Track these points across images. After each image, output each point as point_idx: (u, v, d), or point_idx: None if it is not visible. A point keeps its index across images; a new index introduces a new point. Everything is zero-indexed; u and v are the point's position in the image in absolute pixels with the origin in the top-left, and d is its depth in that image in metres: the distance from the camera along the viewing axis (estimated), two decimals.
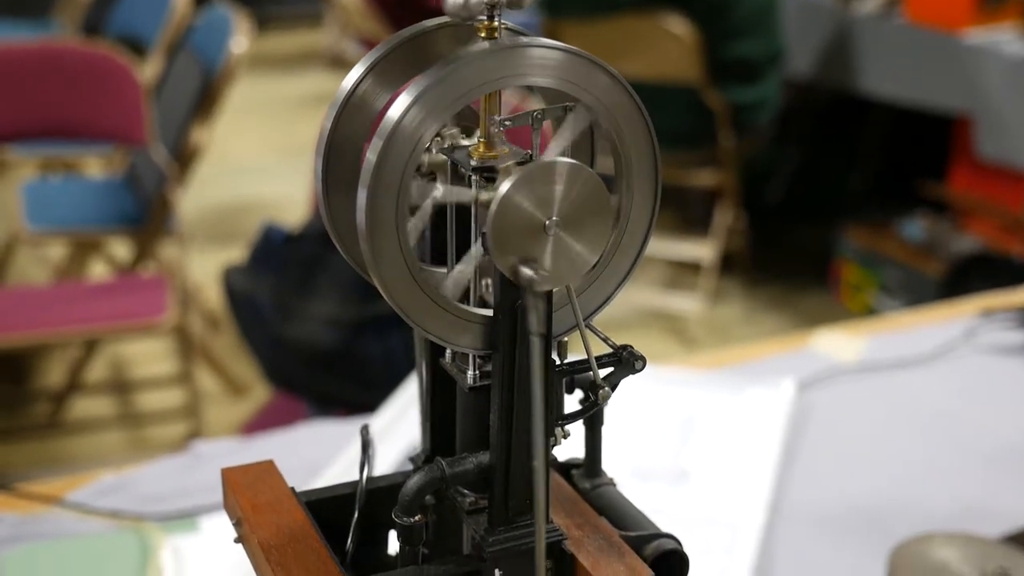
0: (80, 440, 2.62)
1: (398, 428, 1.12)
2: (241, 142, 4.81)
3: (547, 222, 0.42)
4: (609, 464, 0.59)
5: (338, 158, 0.48)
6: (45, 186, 3.10)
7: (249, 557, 0.50)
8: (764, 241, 3.77)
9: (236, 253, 2.17)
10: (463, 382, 0.48)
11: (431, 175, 0.49)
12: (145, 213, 2.67)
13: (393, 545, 0.52)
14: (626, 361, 0.48)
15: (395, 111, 0.43)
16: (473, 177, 0.45)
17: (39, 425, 2.66)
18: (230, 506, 0.52)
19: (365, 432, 0.55)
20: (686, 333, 3.33)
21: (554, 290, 0.45)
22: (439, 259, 0.51)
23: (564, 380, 0.51)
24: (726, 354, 1.42)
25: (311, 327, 1.87)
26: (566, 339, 0.48)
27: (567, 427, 0.50)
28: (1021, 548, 0.89)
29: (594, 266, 0.46)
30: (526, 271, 0.42)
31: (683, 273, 3.66)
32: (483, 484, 0.49)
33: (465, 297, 0.48)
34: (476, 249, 0.47)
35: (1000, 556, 0.86)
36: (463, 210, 0.48)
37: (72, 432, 2.65)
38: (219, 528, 1.02)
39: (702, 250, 3.40)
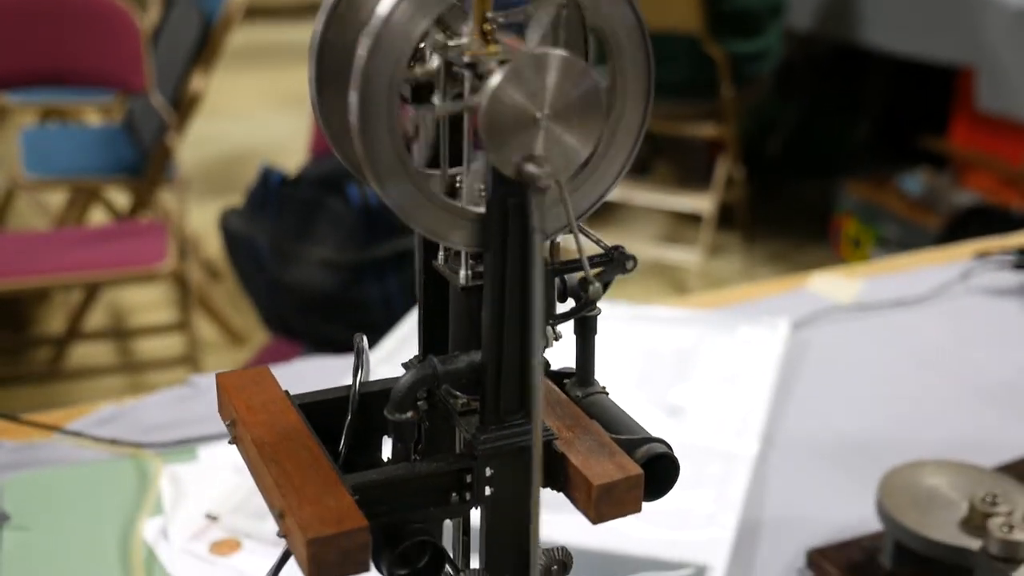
0: (80, 386, 2.63)
1: (396, 359, 1.12)
2: (240, 92, 4.79)
3: (539, 115, 0.42)
4: None
5: (330, 60, 0.48)
6: (44, 133, 3.09)
7: (242, 456, 0.51)
8: (764, 195, 3.77)
9: (235, 203, 2.17)
10: (455, 282, 0.48)
11: (427, 87, 0.49)
12: (144, 161, 2.67)
13: (387, 451, 0.53)
14: (617, 260, 0.49)
15: (384, 7, 0.43)
16: (466, 74, 0.45)
17: (39, 372, 2.67)
18: (224, 408, 0.53)
19: (359, 340, 0.55)
20: (684, 286, 3.34)
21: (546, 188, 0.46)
22: (433, 164, 0.51)
23: (556, 286, 0.52)
24: (721, 295, 1.42)
25: (309, 271, 1.87)
26: (559, 240, 0.49)
27: (559, 329, 0.51)
28: (1013, 477, 0.90)
29: (586, 163, 0.46)
30: (530, 168, 0.42)
31: (682, 226, 3.66)
32: (475, 384, 0.49)
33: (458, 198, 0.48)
34: (468, 150, 0.47)
35: (990, 483, 0.87)
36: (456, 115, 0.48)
37: (72, 378, 2.67)
38: (217, 457, 1.03)
39: (701, 203, 3.40)
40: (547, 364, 0.51)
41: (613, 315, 1.30)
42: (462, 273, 0.48)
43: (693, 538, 0.91)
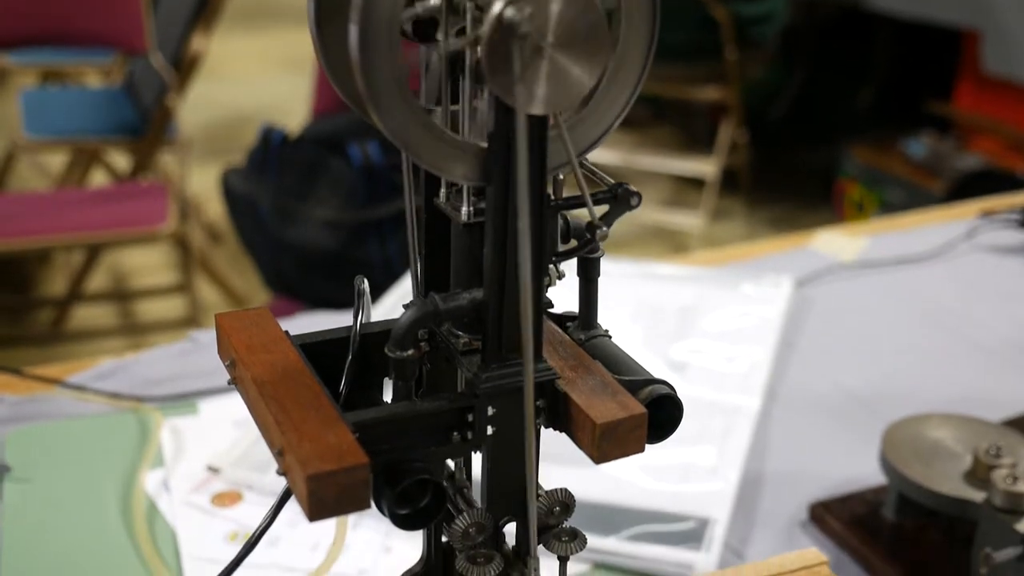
0: (81, 348, 2.63)
1: (396, 314, 1.12)
2: (240, 55, 4.77)
3: (542, 43, 0.41)
4: None
5: None
6: (44, 95, 3.08)
7: (242, 396, 0.50)
8: (767, 159, 3.75)
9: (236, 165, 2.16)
10: (457, 219, 0.48)
11: (429, 22, 0.48)
12: (144, 122, 2.65)
13: (388, 394, 0.52)
14: (622, 198, 0.48)
15: None
16: (468, 5, 0.44)
17: (41, 333, 2.67)
18: (223, 349, 0.52)
19: (360, 281, 0.55)
20: (686, 250, 3.33)
21: (548, 127, 0.45)
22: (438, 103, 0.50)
23: (560, 227, 0.51)
24: (724, 253, 1.41)
25: (310, 230, 1.87)
26: (561, 176, 0.48)
27: (561, 268, 0.50)
28: (1017, 431, 0.89)
29: (589, 97, 0.46)
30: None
31: (685, 190, 3.65)
32: (476, 323, 0.48)
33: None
34: (470, 83, 0.46)
35: (995, 436, 0.86)
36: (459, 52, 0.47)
37: (73, 340, 2.67)
38: (218, 410, 1.03)
39: (705, 166, 3.38)
40: (549, 304, 0.51)
41: (616, 272, 1.30)
42: (464, 210, 0.48)
43: (696, 491, 0.91)
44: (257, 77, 4.68)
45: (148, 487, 0.92)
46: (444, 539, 0.56)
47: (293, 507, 0.90)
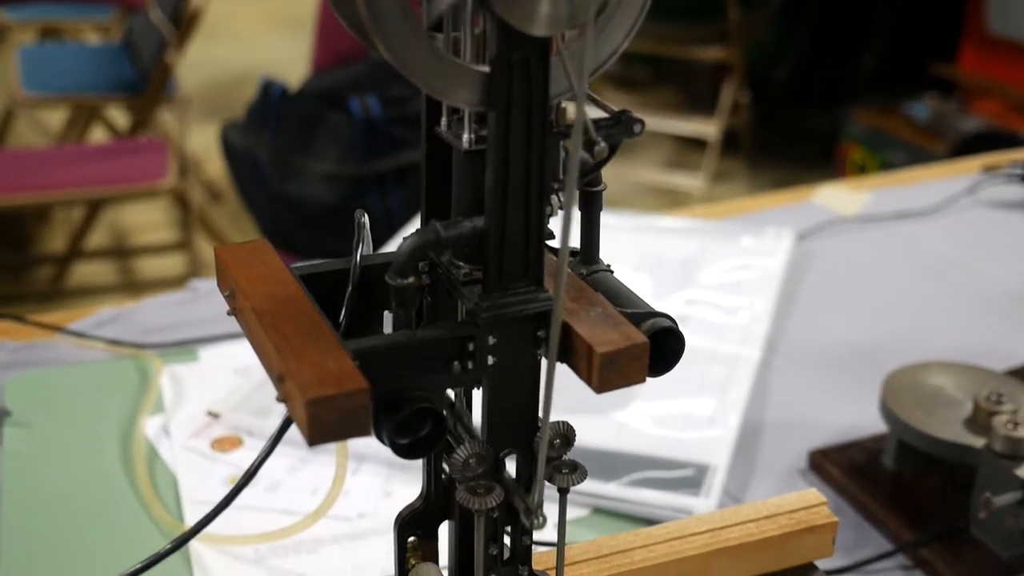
0: (80, 304, 2.63)
1: None
2: (240, 15, 4.74)
3: None
4: None
5: None
6: (42, 51, 3.06)
7: (241, 326, 0.50)
8: (769, 122, 3.74)
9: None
10: (458, 146, 0.47)
11: None
12: (143, 79, 2.64)
13: (388, 328, 0.52)
14: (624, 124, 0.47)
15: None
16: None
17: (41, 290, 2.66)
18: (223, 279, 0.52)
19: (360, 215, 0.54)
20: (687, 211, 3.32)
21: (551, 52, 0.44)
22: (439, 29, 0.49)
23: (561, 158, 0.51)
24: (725, 207, 1.41)
25: (310, 184, 1.86)
26: (563, 105, 0.47)
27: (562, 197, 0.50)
28: (1018, 379, 0.89)
29: (595, 19, 0.45)
30: None
31: (686, 151, 3.63)
32: (477, 252, 0.48)
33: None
34: (471, 6, 0.45)
35: (996, 383, 0.86)
36: None
37: (73, 296, 2.67)
38: (218, 358, 1.02)
39: (706, 127, 3.37)
40: (550, 234, 0.50)
41: (617, 225, 1.29)
42: (465, 137, 0.47)
43: (696, 438, 0.91)
44: (257, 37, 4.65)
45: (148, 432, 0.92)
46: (444, 476, 0.56)
47: (293, 452, 0.90)
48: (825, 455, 0.90)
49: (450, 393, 0.54)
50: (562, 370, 0.52)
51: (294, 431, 0.91)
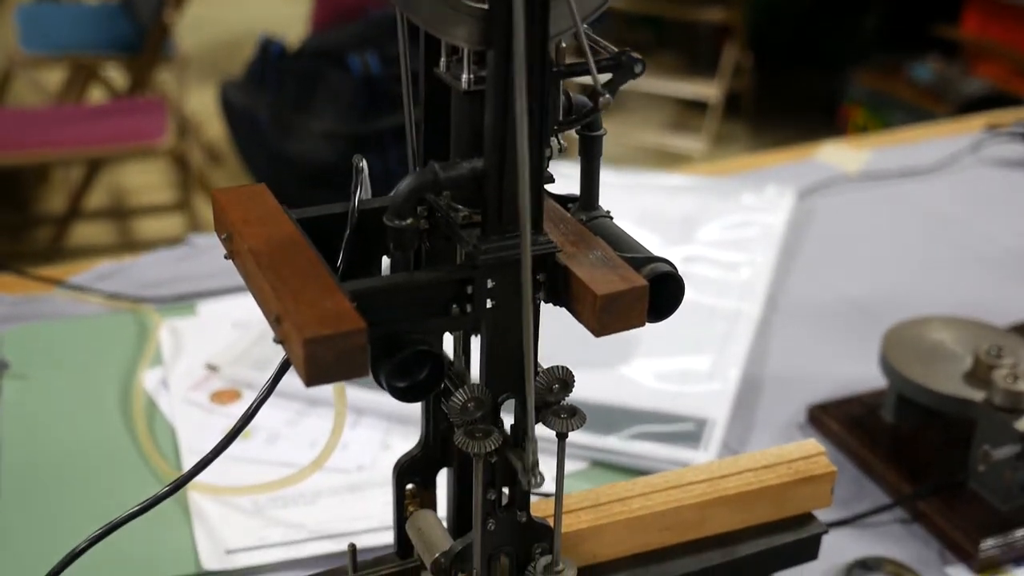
0: (80, 266, 2.63)
1: None
2: None
3: None
4: None
5: None
6: (40, 10, 3.04)
7: (239, 269, 0.50)
8: (771, 85, 3.72)
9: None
10: (457, 87, 0.47)
11: None
12: (142, 38, 2.62)
13: (386, 271, 0.52)
14: (626, 65, 0.47)
15: None
16: None
17: (40, 250, 2.66)
18: (220, 222, 0.52)
19: (358, 160, 0.54)
20: (688, 169, 3.31)
21: None
22: None
23: (561, 103, 0.50)
24: (726, 164, 1.40)
25: (310, 143, 1.85)
26: (563, 44, 0.47)
27: (562, 141, 0.50)
28: (1018, 334, 0.89)
29: None
30: None
31: (688, 114, 3.62)
32: (476, 196, 0.48)
33: None
34: None
35: (996, 338, 0.86)
36: None
37: (72, 256, 2.66)
38: (216, 312, 1.02)
39: (708, 90, 3.35)
40: (550, 178, 0.50)
41: (618, 183, 1.29)
42: (464, 77, 0.47)
43: (695, 392, 0.91)
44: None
45: (147, 385, 0.92)
46: (443, 424, 0.56)
47: (291, 406, 0.90)
48: (824, 409, 0.90)
49: (448, 343, 0.54)
50: (563, 323, 0.52)
51: (294, 385, 0.91)
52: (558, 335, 0.59)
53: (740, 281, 1.08)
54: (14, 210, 2.86)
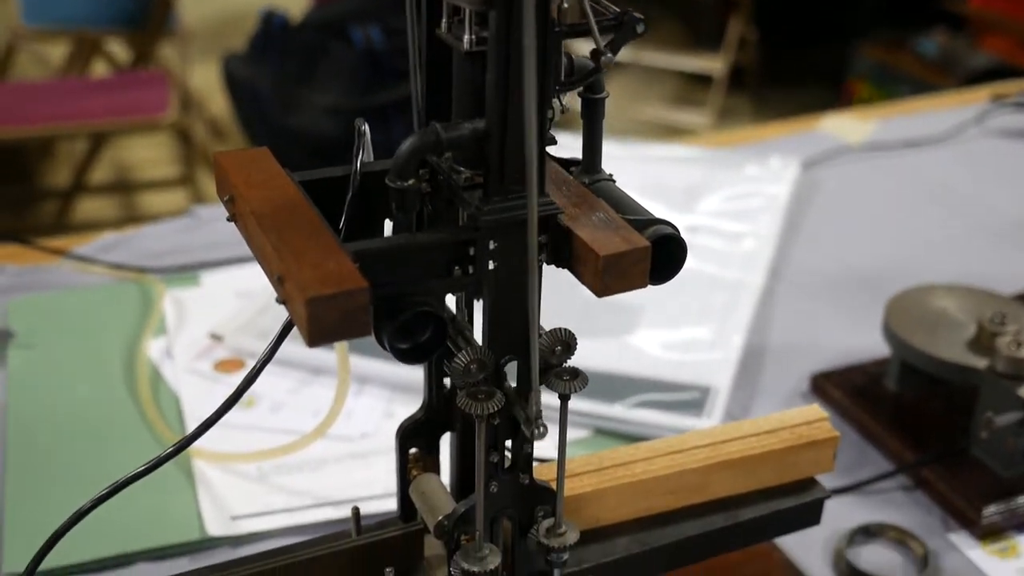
0: (84, 238, 2.63)
1: None
2: None
3: None
4: None
5: None
6: None
7: (241, 231, 0.50)
8: (776, 59, 3.70)
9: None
10: (459, 47, 0.47)
11: None
12: (145, 12, 2.61)
13: (388, 234, 0.52)
14: (627, 24, 0.47)
15: None
16: None
17: (44, 224, 2.66)
18: (222, 185, 0.51)
19: (360, 123, 0.54)
20: (692, 141, 3.30)
21: None
22: None
23: (563, 64, 0.50)
24: (730, 135, 1.40)
25: (313, 117, 1.85)
26: (565, 4, 0.47)
27: (565, 103, 0.49)
28: (1022, 302, 0.89)
29: None
30: None
31: (692, 88, 3.61)
32: (478, 157, 0.48)
33: None
34: None
35: (999, 305, 0.86)
36: None
37: (76, 231, 2.66)
38: (220, 282, 1.02)
39: (712, 63, 3.34)
40: (552, 140, 0.50)
41: (621, 154, 1.29)
42: (466, 38, 0.46)
43: (699, 360, 0.91)
44: None
45: (151, 354, 0.92)
46: (445, 388, 0.56)
47: (295, 375, 0.90)
48: (827, 378, 0.90)
49: (451, 305, 0.54)
50: (566, 295, 0.52)
51: (298, 354, 0.91)
52: (562, 306, 0.59)
53: (743, 251, 1.08)
54: (19, 184, 2.86)
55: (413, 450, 0.58)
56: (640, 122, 3.37)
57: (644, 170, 1.24)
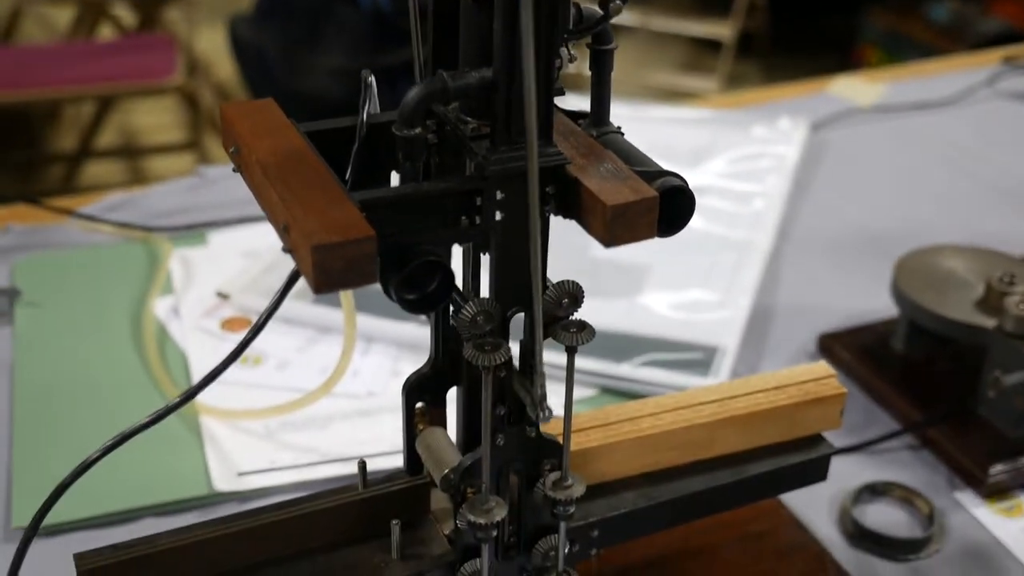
0: (91, 197, 2.62)
1: None
2: None
3: None
4: None
5: None
6: None
7: (247, 183, 0.50)
8: (786, 24, 3.67)
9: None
10: None
11: None
12: None
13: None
14: None
15: None
16: None
17: (51, 188, 2.66)
18: (227, 136, 0.51)
19: (367, 74, 0.54)
20: (700, 103, 3.29)
21: None
22: None
23: (572, 15, 0.50)
24: (738, 97, 1.39)
25: (320, 79, 1.84)
26: None
27: (574, 53, 0.49)
28: None
29: None
30: None
31: (701, 54, 3.58)
32: (485, 107, 0.47)
33: None
34: None
35: (1009, 265, 0.86)
36: None
37: (82, 195, 2.66)
38: (226, 242, 1.02)
39: (721, 29, 3.32)
40: (560, 90, 0.49)
41: (628, 115, 1.28)
42: None
43: (706, 320, 0.91)
44: None
45: (158, 313, 0.92)
46: (452, 342, 0.56)
47: (302, 333, 0.90)
48: (835, 338, 0.89)
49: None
50: (576, 253, 0.51)
51: (304, 312, 0.91)
52: (570, 266, 0.59)
53: (751, 212, 1.07)
54: (25, 148, 2.86)
55: (419, 404, 0.58)
56: (648, 87, 3.35)
57: (651, 131, 1.23)
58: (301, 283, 0.92)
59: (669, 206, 0.50)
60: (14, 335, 0.88)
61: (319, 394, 0.77)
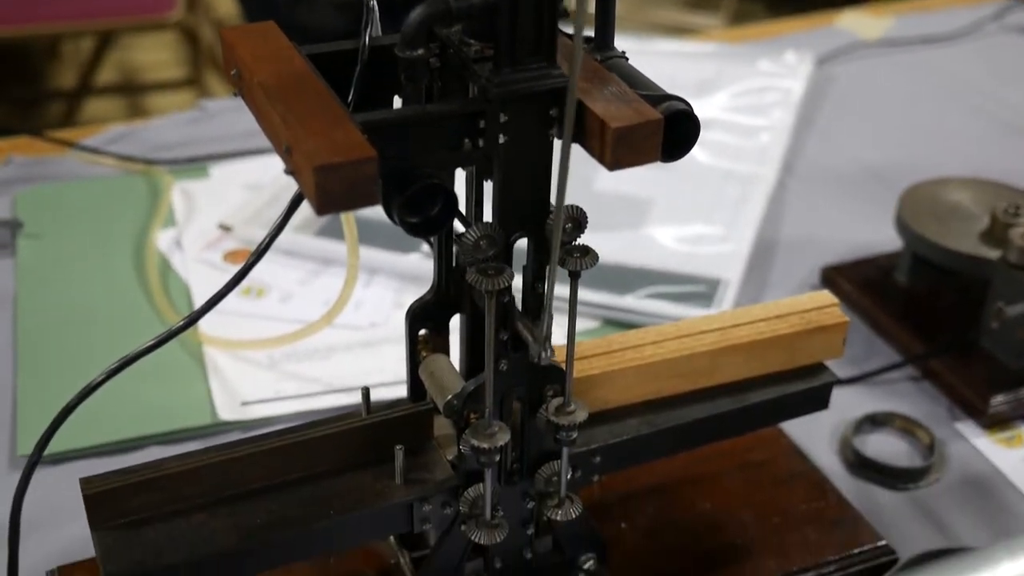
0: (92, 130, 2.61)
1: None
2: None
3: None
4: None
5: None
6: None
7: (248, 106, 0.49)
8: None
9: None
10: None
11: None
12: None
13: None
14: None
15: None
16: None
17: (51, 125, 2.64)
18: (228, 60, 0.51)
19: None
20: (704, 37, 3.26)
21: None
22: None
23: None
24: (743, 31, 1.38)
25: (322, 12, 1.82)
26: None
27: None
28: None
29: None
30: None
31: None
32: (489, 29, 0.47)
33: None
34: None
35: (1014, 197, 0.85)
36: None
37: (83, 128, 2.65)
38: (228, 174, 1.02)
39: None
40: (564, 12, 0.49)
41: (631, 49, 1.26)
42: None
43: (709, 253, 0.91)
44: None
45: (160, 245, 0.92)
46: (455, 267, 0.56)
47: (304, 266, 0.90)
48: (838, 271, 0.89)
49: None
50: (580, 186, 0.51)
51: (307, 245, 0.91)
52: (573, 200, 0.58)
53: (756, 146, 1.07)
54: (25, 85, 2.84)
55: (422, 332, 0.58)
56: (652, 24, 3.32)
57: (655, 65, 1.21)
58: (305, 215, 0.92)
59: (673, 130, 0.49)
60: (16, 266, 0.88)
61: (322, 324, 0.77)
